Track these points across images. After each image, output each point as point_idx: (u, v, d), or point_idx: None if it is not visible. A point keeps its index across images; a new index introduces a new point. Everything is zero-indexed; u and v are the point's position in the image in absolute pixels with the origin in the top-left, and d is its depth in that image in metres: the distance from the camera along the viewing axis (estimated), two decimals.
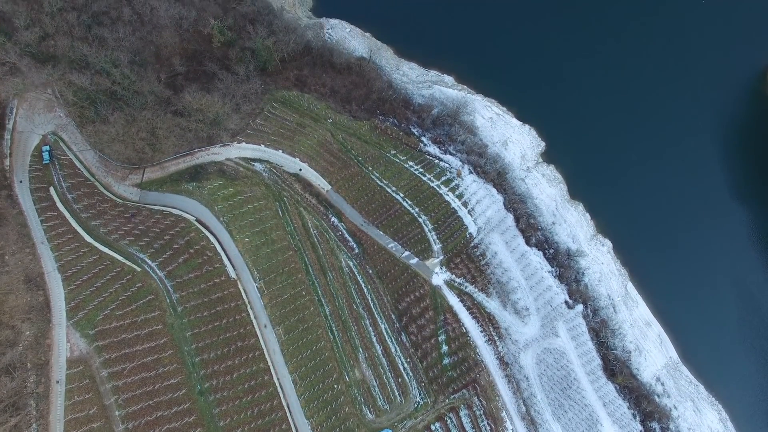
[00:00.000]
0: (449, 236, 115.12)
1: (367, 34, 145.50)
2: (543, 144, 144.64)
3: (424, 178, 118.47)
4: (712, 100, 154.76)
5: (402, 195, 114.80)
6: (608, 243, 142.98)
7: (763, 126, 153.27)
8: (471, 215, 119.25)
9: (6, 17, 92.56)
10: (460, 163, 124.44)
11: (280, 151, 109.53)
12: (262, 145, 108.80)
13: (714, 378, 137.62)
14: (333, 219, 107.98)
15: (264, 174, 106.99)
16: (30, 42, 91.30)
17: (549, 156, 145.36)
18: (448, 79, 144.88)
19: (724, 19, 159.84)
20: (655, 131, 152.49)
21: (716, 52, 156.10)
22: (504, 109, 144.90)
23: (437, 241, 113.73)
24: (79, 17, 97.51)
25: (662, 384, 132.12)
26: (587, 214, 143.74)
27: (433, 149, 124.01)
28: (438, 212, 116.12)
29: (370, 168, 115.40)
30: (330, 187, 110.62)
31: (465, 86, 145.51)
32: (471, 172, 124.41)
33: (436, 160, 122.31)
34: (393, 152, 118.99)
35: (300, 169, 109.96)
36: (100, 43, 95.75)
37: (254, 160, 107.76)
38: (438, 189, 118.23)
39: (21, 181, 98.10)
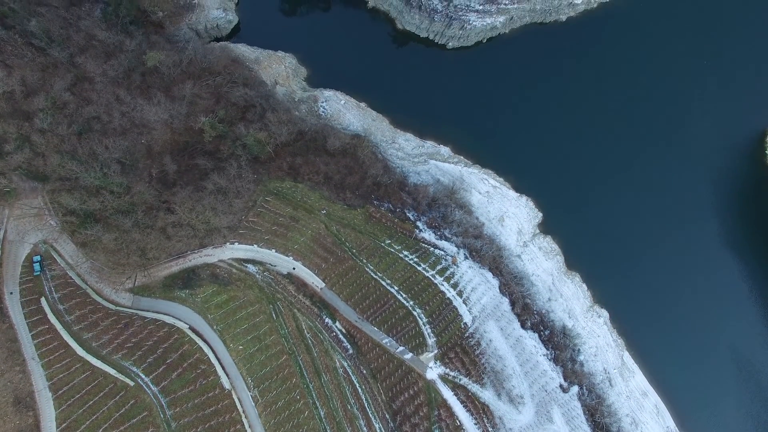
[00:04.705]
0: (444, 329, 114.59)
1: (363, 104, 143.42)
2: (540, 215, 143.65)
3: (419, 268, 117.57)
4: (711, 164, 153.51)
5: (397, 288, 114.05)
6: (605, 314, 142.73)
7: (762, 193, 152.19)
8: (466, 304, 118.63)
9: None
10: (455, 249, 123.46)
11: (273, 250, 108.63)
12: (255, 245, 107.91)
13: None
14: (327, 320, 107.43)
15: (257, 276, 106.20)
16: (20, 163, 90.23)
17: (546, 226, 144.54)
18: (445, 150, 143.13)
19: (723, 82, 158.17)
20: (651, 195, 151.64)
21: (714, 118, 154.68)
22: (501, 180, 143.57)
23: (432, 334, 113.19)
24: (69, 126, 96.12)
25: None
26: (584, 285, 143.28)
27: (428, 235, 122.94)
28: (433, 304, 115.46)
29: (365, 260, 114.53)
30: (324, 284, 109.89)
31: (461, 157, 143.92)
32: (467, 258, 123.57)
33: (432, 248, 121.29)
34: (388, 242, 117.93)
35: (293, 268, 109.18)
36: (90, 155, 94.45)
37: (247, 261, 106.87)
38: (433, 279, 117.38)
39: (11, 293, 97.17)
